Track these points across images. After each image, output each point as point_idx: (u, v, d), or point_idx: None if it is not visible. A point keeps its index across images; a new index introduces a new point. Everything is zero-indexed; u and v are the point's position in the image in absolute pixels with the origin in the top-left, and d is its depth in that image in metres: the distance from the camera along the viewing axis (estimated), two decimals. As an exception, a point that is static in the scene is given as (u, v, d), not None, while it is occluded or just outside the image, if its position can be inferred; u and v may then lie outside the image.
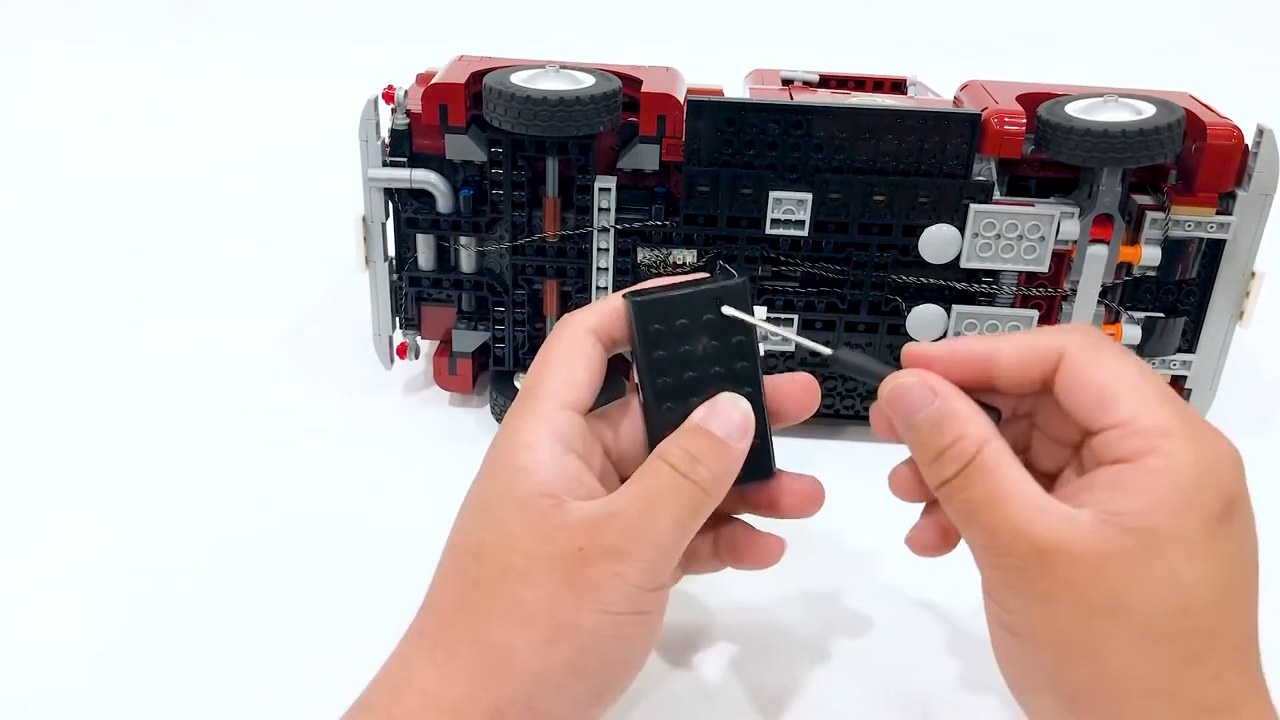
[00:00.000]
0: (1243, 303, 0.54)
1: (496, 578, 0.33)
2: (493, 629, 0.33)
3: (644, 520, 0.33)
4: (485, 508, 0.35)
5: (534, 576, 0.33)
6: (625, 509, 0.34)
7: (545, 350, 0.38)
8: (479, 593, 0.34)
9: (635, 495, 0.34)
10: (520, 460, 0.35)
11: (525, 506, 0.34)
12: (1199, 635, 0.30)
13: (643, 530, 0.33)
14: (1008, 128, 0.50)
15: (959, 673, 0.43)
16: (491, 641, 0.33)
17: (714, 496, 0.35)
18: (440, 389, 0.60)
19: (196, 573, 0.48)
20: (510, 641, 0.33)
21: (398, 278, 0.58)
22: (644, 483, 0.34)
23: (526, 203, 0.54)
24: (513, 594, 0.33)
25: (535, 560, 0.33)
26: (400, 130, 0.54)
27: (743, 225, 0.53)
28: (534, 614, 0.33)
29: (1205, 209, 0.51)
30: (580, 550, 0.33)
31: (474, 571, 0.34)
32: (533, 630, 0.33)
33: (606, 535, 0.33)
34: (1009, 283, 0.54)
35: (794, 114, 0.50)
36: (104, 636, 0.44)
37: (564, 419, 0.36)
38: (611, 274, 0.55)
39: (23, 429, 0.58)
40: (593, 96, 0.50)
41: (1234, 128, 0.50)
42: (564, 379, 0.36)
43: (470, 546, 0.35)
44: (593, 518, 0.33)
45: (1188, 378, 0.55)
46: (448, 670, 0.33)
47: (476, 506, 0.36)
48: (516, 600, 0.33)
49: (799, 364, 0.56)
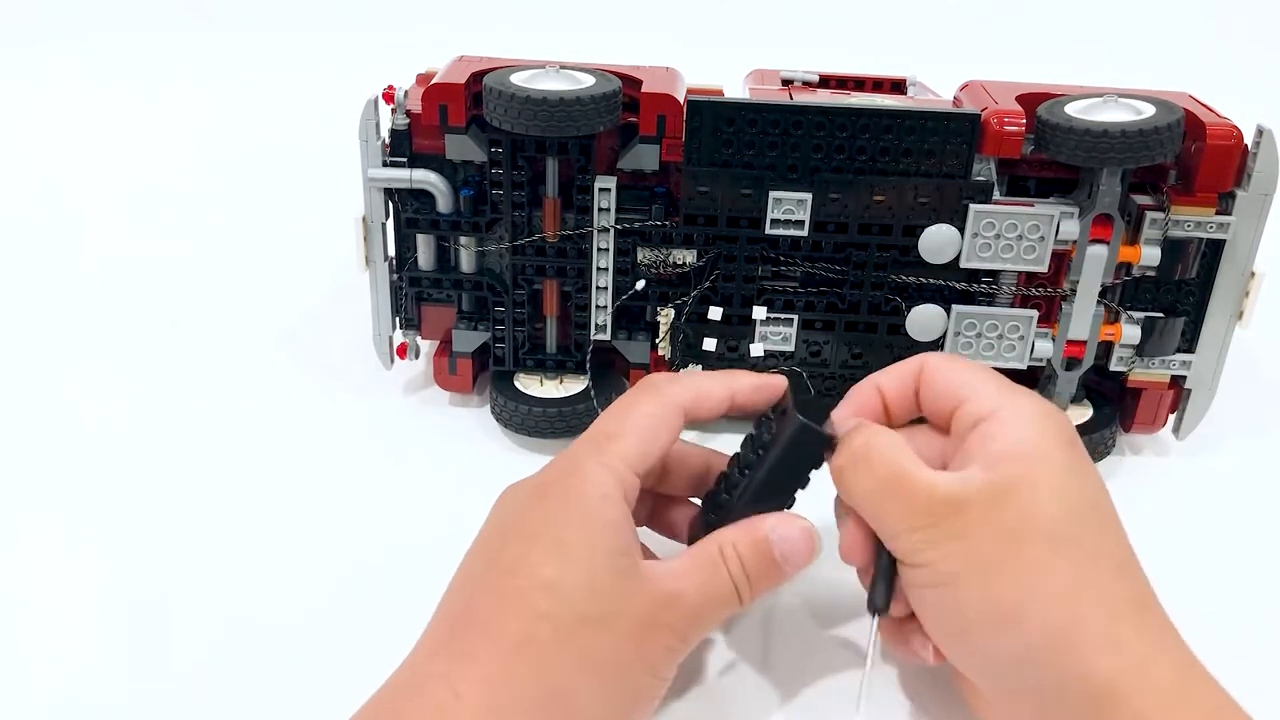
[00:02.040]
0: (1242, 303, 0.54)
1: (573, 623, 0.34)
2: (560, 673, 0.34)
3: (701, 611, 0.37)
4: (563, 547, 0.36)
5: (612, 630, 0.35)
6: (689, 594, 0.37)
7: (633, 404, 0.39)
8: (549, 631, 0.34)
9: (699, 586, 0.37)
10: (601, 512, 0.36)
11: (611, 562, 0.35)
12: (1094, 535, 0.36)
13: (698, 619, 0.37)
14: (1008, 128, 0.50)
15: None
16: (558, 685, 0.34)
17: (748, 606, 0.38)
18: (440, 389, 0.60)
19: (196, 572, 0.48)
20: (576, 688, 0.34)
21: (398, 278, 0.58)
22: (707, 578, 0.37)
23: (526, 203, 0.54)
24: (588, 641, 0.34)
25: (614, 617, 0.35)
26: (400, 130, 0.54)
27: (743, 225, 0.53)
28: (603, 664, 0.34)
29: (1205, 209, 0.51)
30: (651, 618, 0.35)
31: (545, 606, 0.35)
32: (599, 679, 0.34)
33: (674, 613, 0.36)
34: (1009, 283, 0.54)
35: (794, 114, 0.50)
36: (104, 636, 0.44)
37: (632, 483, 0.38)
38: (611, 274, 0.55)
39: (23, 429, 0.58)
40: (593, 96, 0.50)
41: (1233, 128, 0.50)
42: (644, 445, 0.38)
43: (544, 580, 0.35)
44: (665, 592, 0.36)
45: (1187, 378, 0.55)
46: (507, 706, 0.33)
47: (548, 540, 0.36)
48: (591, 647, 0.34)
49: (799, 362, 0.57)
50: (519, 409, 0.56)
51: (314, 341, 0.66)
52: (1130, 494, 0.48)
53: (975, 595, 0.35)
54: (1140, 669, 0.33)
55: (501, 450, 0.58)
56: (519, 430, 0.57)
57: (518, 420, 0.56)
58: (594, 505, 0.36)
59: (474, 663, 0.34)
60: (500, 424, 0.58)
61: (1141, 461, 0.59)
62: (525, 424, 0.56)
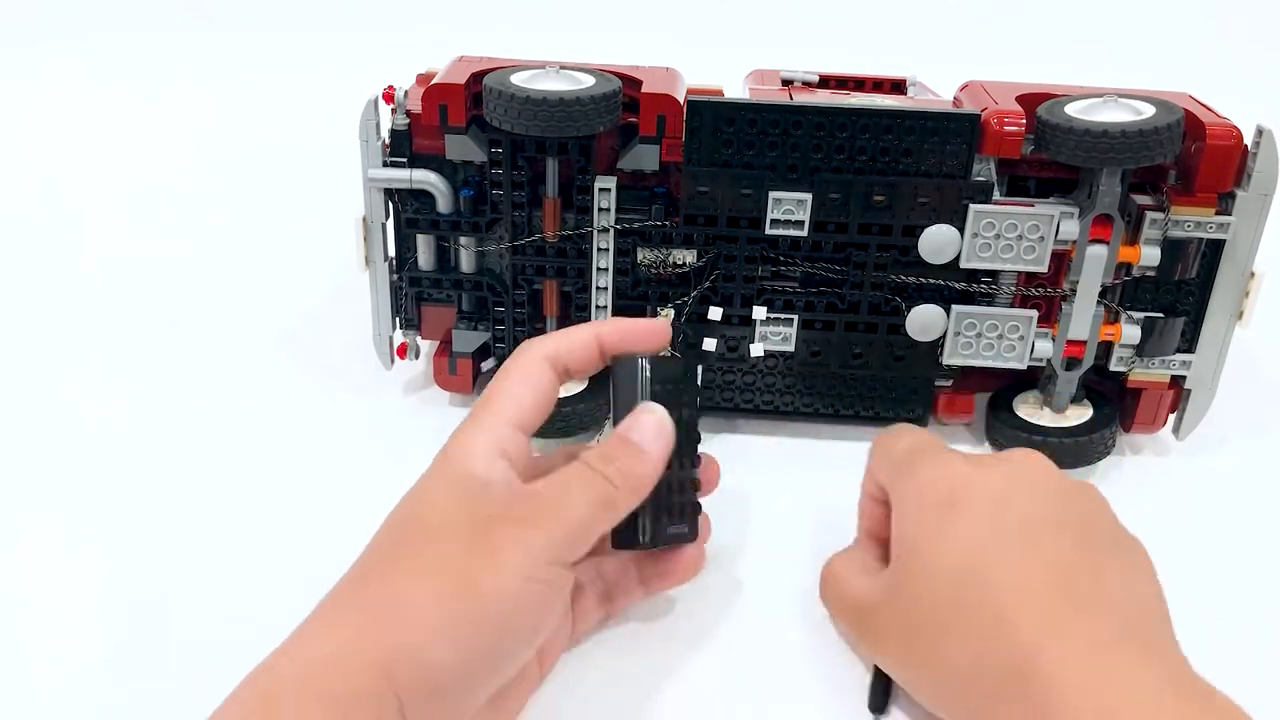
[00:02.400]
0: (1242, 303, 0.54)
1: (411, 536, 0.36)
2: (396, 582, 0.35)
3: (555, 498, 0.37)
4: (417, 489, 0.38)
5: (445, 535, 0.36)
6: (541, 489, 0.38)
7: (501, 372, 0.41)
8: (390, 550, 0.37)
9: (551, 480, 0.38)
10: (456, 455, 0.38)
11: (454, 483, 0.37)
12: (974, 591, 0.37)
13: (552, 506, 0.37)
14: (1007, 128, 0.50)
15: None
16: (392, 593, 0.35)
17: (624, 492, 0.39)
18: (440, 389, 0.60)
19: (195, 572, 0.48)
20: (411, 592, 0.35)
21: (398, 278, 0.58)
22: (561, 473, 0.38)
23: (526, 203, 0.54)
24: (423, 549, 0.36)
25: (450, 523, 0.36)
26: (400, 130, 0.54)
27: (743, 225, 0.53)
28: (440, 567, 0.35)
29: (1205, 209, 0.51)
30: (490, 516, 0.36)
31: (391, 535, 0.37)
32: (436, 582, 0.35)
33: (518, 507, 0.37)
34: (1008, 283, 0.54)
35: (794, 114, 0.50)
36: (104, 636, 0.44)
37: (506, 433, 0.39)
38: (611, 274, 0.55)
39: (23, 429, 0.58)
40: (593, 96, 0.50)
41: (1233, 128, 0.50)
42: (512, 399, 0.40)
43: (394, 518, 0.38)
44: (510, 494, 0.37)
45: (1187, 378, 0.55)
46: (333, 624, 0.35)
47: (411, 492, 0.39)
48: (425, 554, 0.35)
49: (799, 362, 0.57)
50: (519, 409, 0.56)
51: (314, 341, 0.66)
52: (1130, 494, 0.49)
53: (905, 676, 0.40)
54: None
55: (501, 450, 0.57)
56: (519, 430, 0.57)
57: (518, 420, 0.56)
58: (451, 455, 0.38)
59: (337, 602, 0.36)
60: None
61: (1141, 461, 0.59)
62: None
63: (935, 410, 0.58)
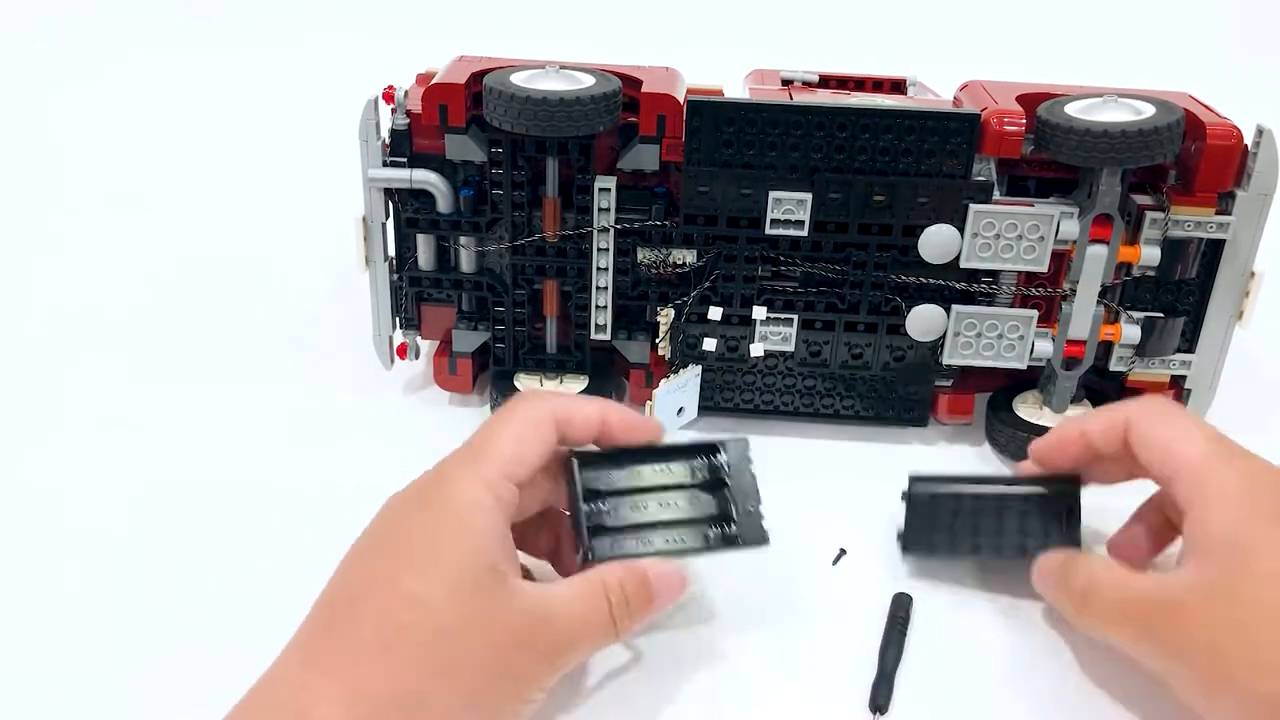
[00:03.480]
0: (1242, 303, 0.54)
1: (432, 635, 0.35)
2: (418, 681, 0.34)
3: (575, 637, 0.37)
4: (429, 557, 0.36)
5: (472, 645, 0.35)
6: (560, 620, 0.37)
7: (508, 415, 0.40)
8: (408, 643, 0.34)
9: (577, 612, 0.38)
10: (472, 521, 0.37)
11: (477, 575, 0.36)
12: None
13: (570, 645, 0.37)
14: (1008, 128, 0.50)
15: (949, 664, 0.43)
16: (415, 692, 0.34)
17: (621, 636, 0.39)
18: (440, 389, 0.60)
19: (195, 572, 0.48)
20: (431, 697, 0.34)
21: (398, 278, 0.58)
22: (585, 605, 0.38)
23: (526, 203, 0.54)
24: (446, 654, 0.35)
25: (476, 632, 0.35)
26: (400, 130, 0.54)
27: (743, 225, 0.53)
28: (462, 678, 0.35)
29: (1205, 209, 0.51)
30: (519, 638, 0.36)
31: (405, 618, 0.35)
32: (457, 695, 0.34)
33: (543, 635, 0.36)
34: (1008, 283, 0.54)
35: (794, 114, 0.50)
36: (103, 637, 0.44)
37: (507, 490, 0.38)
38: (611, 274, 0.55)
39: (23, 428, 0.58)
40: (593, 96, 0.50)
41: (1233, 128, 0.50)
42: (518, 452, 0.39)
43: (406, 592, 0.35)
44: (536, 613, 0.36)
45: (1187, 378, 0.55)
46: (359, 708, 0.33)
47: (415, 549, 0.36)
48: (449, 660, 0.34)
49: (799, 362, 0.56)
50: (519, 409, 0.56)
51: (314, 341, 0.66)
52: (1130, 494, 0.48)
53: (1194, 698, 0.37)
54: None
55: (501, 450, 0.57)
56: (519, 430, 0.57)
57: (518, 420, 0.56)
58: (464, 514, 0.37)
59: (333, 675, 0.34)
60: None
61: (1141, 461, 0.59)
62: (525, 424, 0.56)
63: (935, 410, 0.58)
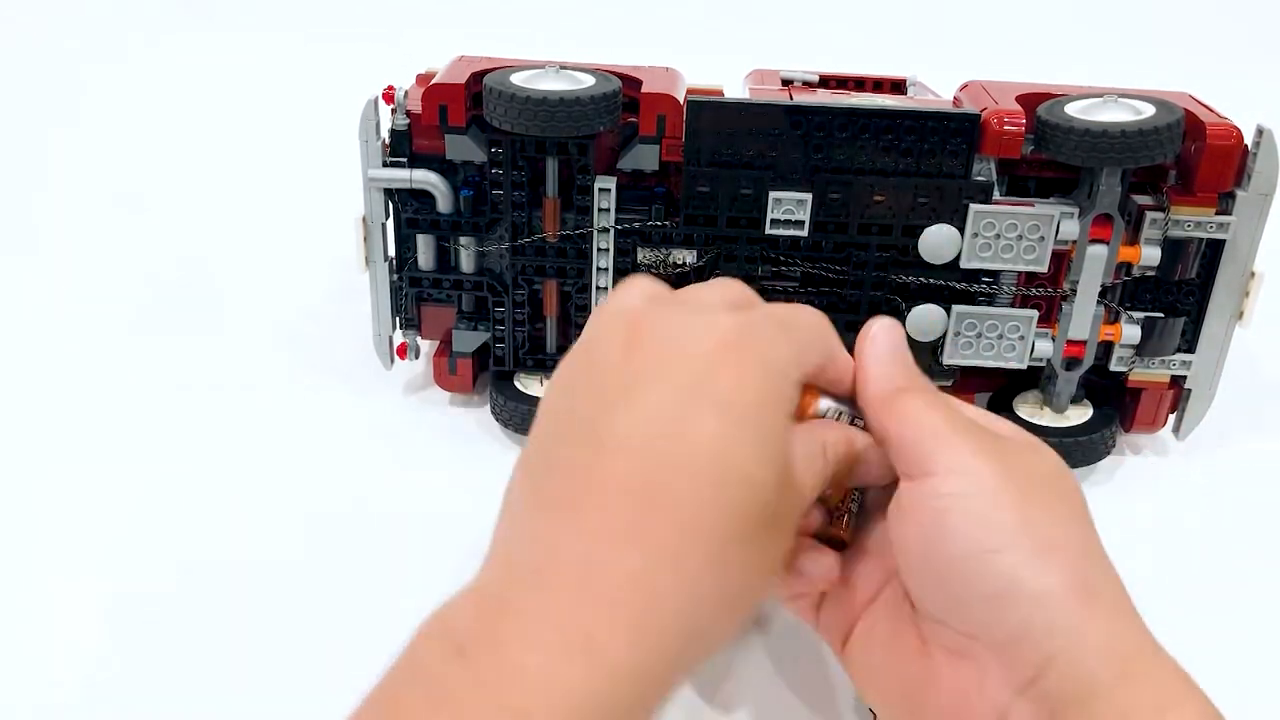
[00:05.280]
0: (1242, 303, 0.54)
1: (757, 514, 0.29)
2: (706, 528, 0.28)
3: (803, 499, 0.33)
4: (734, 398, 0.29)
5: (784, 527, 0.32)
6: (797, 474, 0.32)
7: (818, 319, 0.35)
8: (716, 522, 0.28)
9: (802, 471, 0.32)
10: (783, 387, 0.32)
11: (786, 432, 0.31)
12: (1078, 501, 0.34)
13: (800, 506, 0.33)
14: (1008, 128, 0.50)
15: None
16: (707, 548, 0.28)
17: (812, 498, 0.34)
18: (440, 389, 0.60)
19: (194, 573, 0.48)
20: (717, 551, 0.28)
21: (398, 278, 0.58)
22: (808, 465, 0.33)
23: (526, 203, 0.54)
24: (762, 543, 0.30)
25: (786, 511, 0.31)
26: (400, 130, 0.54)
27: (743, 225, 0.53)
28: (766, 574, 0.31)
29: (1205, 209, 0.51)
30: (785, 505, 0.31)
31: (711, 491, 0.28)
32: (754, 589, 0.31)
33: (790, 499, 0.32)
34: (1009, 283, 0.54)
35: (794, 114, 0.50)
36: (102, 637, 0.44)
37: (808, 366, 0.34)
38: (611, 274, 0.55)
39: (22, 428, 0.58)
40: (593, 96, 0.50)
41: (1233, 128, 0.50)
42: (824, 363, 0.34)
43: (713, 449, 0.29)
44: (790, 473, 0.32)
45: (1187, 378, 0.55)
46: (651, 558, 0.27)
47: (717, 396, 0.29)
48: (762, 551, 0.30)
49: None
50: (519, 409, 0.56)
51: (314, 341, 0.66)
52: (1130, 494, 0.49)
53: (1009, 517, 0.31)
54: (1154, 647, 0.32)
55: (501, 450, 0.58)
56: (519, 430, 0.57)
57: (517, 420, 0.56)
58: (778, 373, 0.31)
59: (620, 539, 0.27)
60: (500, 424, 0.58)
61: (1141, 461, 0.59)
62: (525, 424, 0.56)
63: (935, 410, 0.58)
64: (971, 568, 0.32)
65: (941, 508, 0.32)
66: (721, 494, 0.28)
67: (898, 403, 0.35)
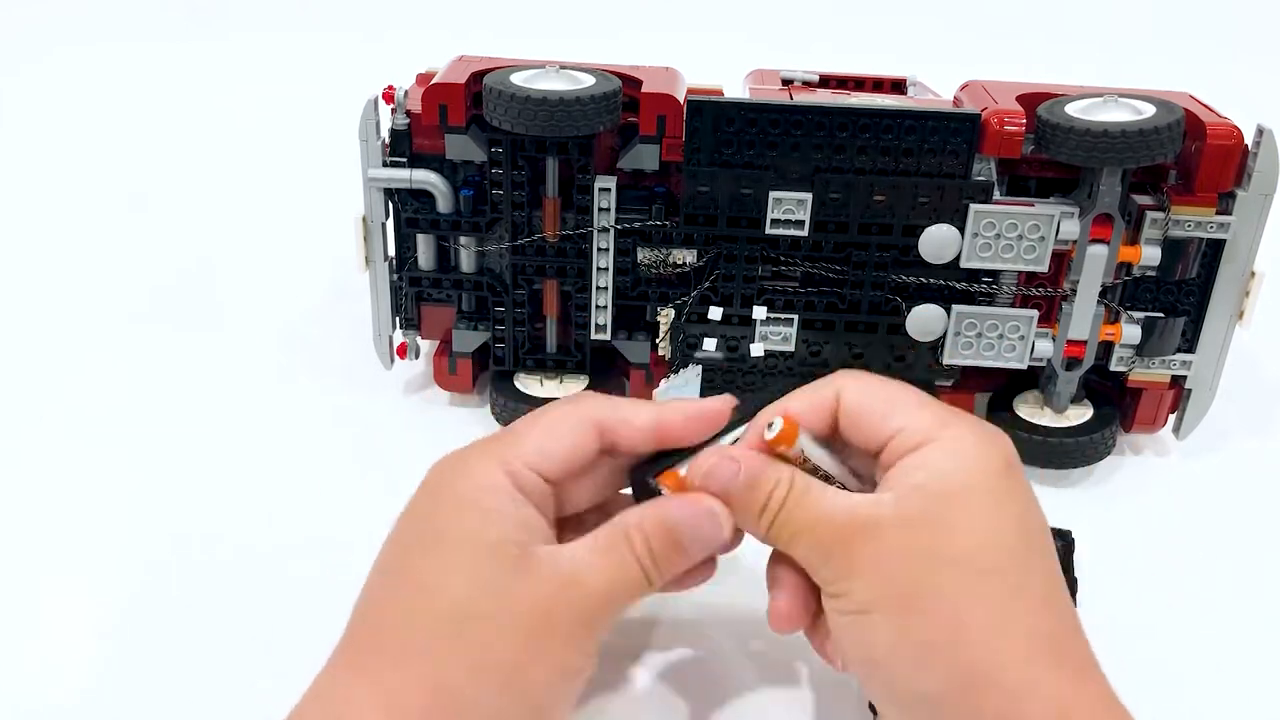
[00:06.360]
0: (1243, 303, 0.54)
1: (457, 624, 0.33)
2: (450, 675, 0.33)
3: (607, 596, 0.35)
4: (442, 544, 0.35)
5: (499, 630, 0.33)
6: (591, 579, 0.34)
7: (541, 412, 0.38)
8: (435, 636, 0.33)
9: (603, 569, 0.35)
10: (483, 502, 0.35)
11: (493, 553, 0.34)
12: (1017, 567, 0.33)
13: (605, 604, 0.35)
14: (1008, 128, 0.50)
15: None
16: (449, 688, 0.33)
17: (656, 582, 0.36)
18: (440, 389, 0.60)
19: (194, 572, 0.48)
20: (466, 690, 0.33)
21: (398, 278, 0.58)
22: (611, 561, 0.35)
23: (526, 203, 0.54)
24: (476, 640, 0.33)
25: (502, 614, 0.33)
26: (400, 130, 0.54)
27: (743, 225, 0.53)
28: (496, 666, 0.33)
29: (1205, 209, 0.51)
30: (549, 607, 0.34)
31: (425, 610, 0.34)
32: (493, 681, 0.33)
33: (574, 599, 0.34)
34: (1009, 283, 0.54)
35: (794, 114, 0.50)
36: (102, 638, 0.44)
37: (530, 478, 0.36)
38: (611, 274, 0.55)
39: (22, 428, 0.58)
40: (593, 96, 0.50)
41: (1234, 128, 0.50)
42: (544, 443, 0.36)
43: (424, 584, 0.34)
44: (562, 578, 0.34)
45: (1187, 378, 0.55)
46: (397, 713, 0.32)
47: (431, 539, 0.35)
48: (480, 646, 0.33)
49: (799, 361, 0.56)
50: (519, 409, 0.56)
51: (314, 341, 0.66)
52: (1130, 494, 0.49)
53: (890, 628, 0.33)
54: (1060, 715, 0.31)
55: (501, 450, 0.57)
56: (519, 430, 0.57)
57: (518, 420, 0.56)
58: (476, 495, 0.35)
59: (370, 677, 0.33)
60: (500, 424, 0.58)
61: (1141, 461, 0.59)
62: (525, 424, 0.56)
63: (935, 410, 0.58)
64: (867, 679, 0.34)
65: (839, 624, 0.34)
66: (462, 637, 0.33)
67: None
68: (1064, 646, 0.33)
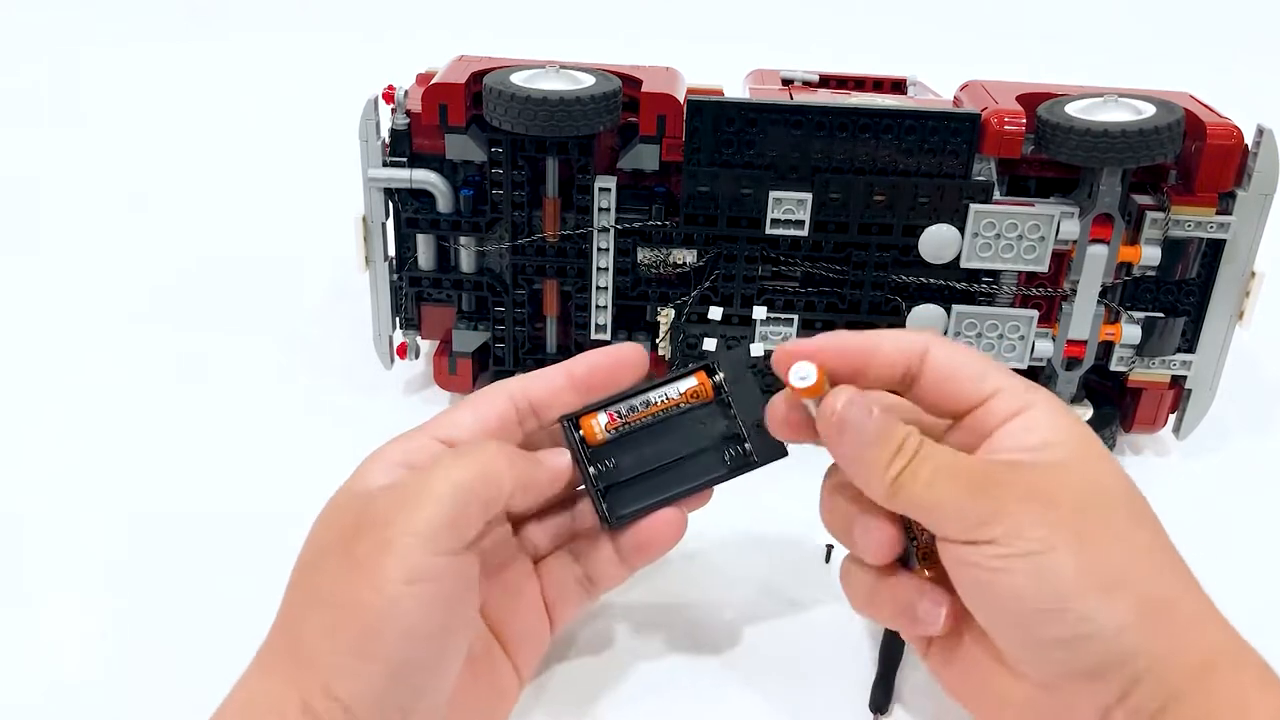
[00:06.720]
0: (1243, 303, 0.54)
1: (302, 569, 0.35)
2: (296, 622, 0.34)
3: (418, 486, 0.34)
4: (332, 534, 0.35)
5: (325, 562, 0.34)
6: (404, 479, 0.35)
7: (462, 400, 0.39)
8: (292, 589, 0.35)
9: (419, 469, 0.35)
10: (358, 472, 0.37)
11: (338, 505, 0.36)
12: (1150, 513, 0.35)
13: (413, 495, 0.33)
14: (1008, 128, 0.50)
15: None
16: (294, 633, 0.34)
17: (498, 465, 0.35)
18: (440, 389, 0.60)
19: (194, 572, 0.48)
20: (303, 629, 0.33)
21: (398, 278, 0.58)
22: (435, 457, 0.36)
23: (526, 203, 0.54)
24: (311, 583, 0.34)
25: (327, 547, 0.34)
26: (400, 130, 0.54)
27: (743, 225, 0.53)
28: (322, 598, 0.33)
29: (1205, 209, 0.51)
30: (358, 525, 0.34)
31: (295, 571, 0.35)
32: (320, 614, 0.33)
33: (377, 507, 0.34)
34: (1009, 283, 0.54)
35: (794, 114, 0.50)
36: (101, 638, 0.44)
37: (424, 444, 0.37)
38: (611, 274, 0.55)
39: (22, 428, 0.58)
40: (593, 96, 0.50)
41: (1234, 128, 0.50)
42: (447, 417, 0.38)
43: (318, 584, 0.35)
44: (370, 493, 0.35)
45: (1187, 378, 0.55)
46: (264, 670, 0.34)
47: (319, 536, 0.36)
48: (312, 588, 0.34)
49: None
50: (519, 409, 0.56)
51: (314, 341, 0.66)
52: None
53: (1073, 564, 0.32)
54: (1237, 642, 0.33)
55: (501, 450, 0.57)
56: (519, 430, 0.57)
57: (518, 420, 0.56)
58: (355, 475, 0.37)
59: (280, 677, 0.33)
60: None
61: (1141, 461, 0.59)
62: (525, 424, 0.56)
63: (935, 410, 0.58)
64: (1040, 620, 0.32)
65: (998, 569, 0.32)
66: None
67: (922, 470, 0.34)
68: None
